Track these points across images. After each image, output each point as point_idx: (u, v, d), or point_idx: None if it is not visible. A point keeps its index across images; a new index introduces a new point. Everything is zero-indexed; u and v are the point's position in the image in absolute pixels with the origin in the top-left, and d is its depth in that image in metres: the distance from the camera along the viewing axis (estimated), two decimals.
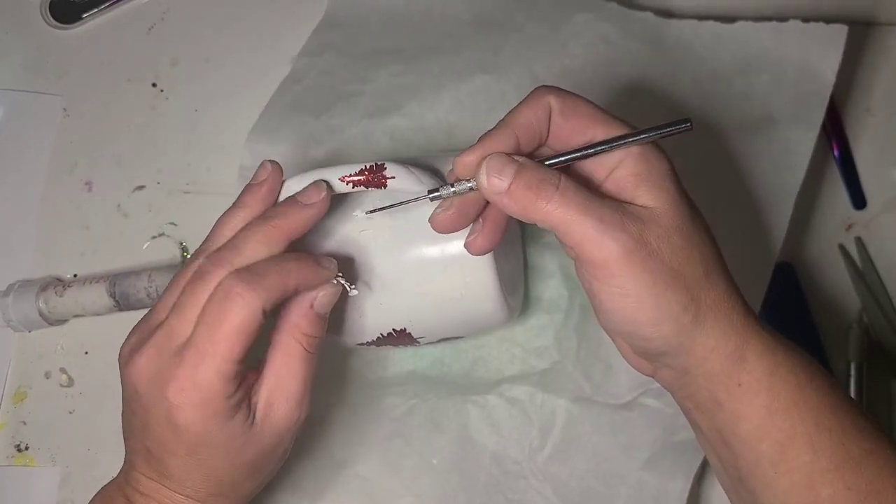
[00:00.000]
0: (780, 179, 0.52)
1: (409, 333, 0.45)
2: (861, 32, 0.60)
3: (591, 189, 0.37)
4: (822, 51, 0.53)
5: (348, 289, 0.41)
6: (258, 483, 0.42)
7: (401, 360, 0.54)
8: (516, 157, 0.36)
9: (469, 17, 0.60)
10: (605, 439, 0.50)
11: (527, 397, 0.51)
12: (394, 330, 0.45)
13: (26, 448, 0.56)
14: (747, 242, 0.52)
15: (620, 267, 0.35)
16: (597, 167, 0.38)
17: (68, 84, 0.62)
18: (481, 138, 0.38)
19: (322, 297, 0.39)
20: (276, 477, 0.51)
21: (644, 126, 0.37)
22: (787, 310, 0.56)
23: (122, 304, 0.54)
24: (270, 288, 0.37)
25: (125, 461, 0.42)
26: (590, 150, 0.37)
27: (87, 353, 0.57)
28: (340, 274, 0.40)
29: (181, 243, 0.59)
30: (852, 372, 0.55)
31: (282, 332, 0.39)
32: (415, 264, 0.43)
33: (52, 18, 0.63)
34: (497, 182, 0.36)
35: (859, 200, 0.58)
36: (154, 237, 0.59)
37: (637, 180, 0.36)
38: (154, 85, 0.62)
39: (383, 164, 0.40)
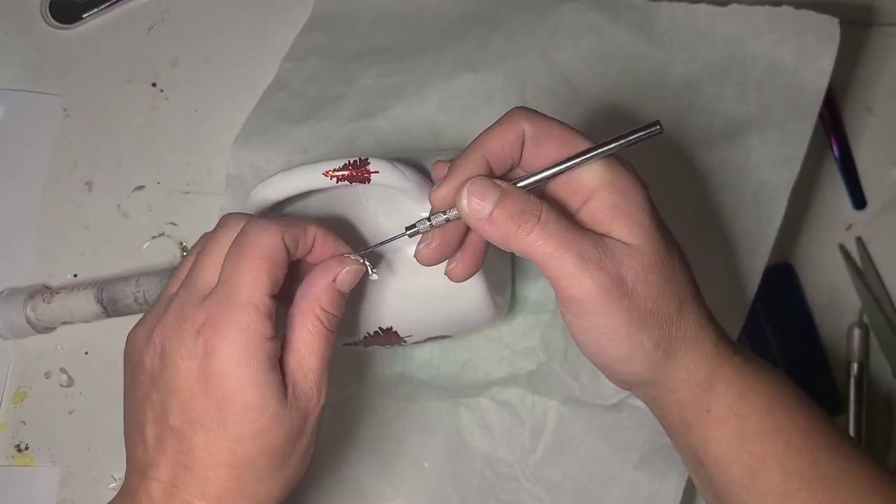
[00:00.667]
0: (777, 173, 0.52)
1: (396, 332, 0.45)
2: (861, 32, 0.60)
3: (569, 220, 0.36)
4: (818, 39, 0.52)
5: (370, 271, 0.39)
6: (279, 486, 0.37)
7: (390, 362, 0.54)
8: (498, 182, 0.36)
9: (456, 13, 0.59)
10: (597, 440, 0.50)
11: (517, 400, 0.51)
12: (380, 328, 0.45)
13: (26, 448, 0.56)
14: (740, 239, 0.51)
15: (596, 305, 0.35)
16: (571, 196, 0.37)
17: (68, 84, 0.62)
18: (452, 167, 0.37)
19: (346, 273, 0.38)
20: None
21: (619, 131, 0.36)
22: (787, 310, 0.56)
23: (109, 309, 0.54)
24: (290, 225, 0.37)
25: (127, 478, 0.38)
26: (559, 167, 0.36)
27: (87, 353, 0.57)
28: (363, 259, 0.39)
29: (181, 243, 0.59)
30: (852, 372, 0.55)
31: (301, 307, 0.37)
32: (401, 262, 0.43)
33: (52, 18, 0.63)
34: (479, 208, 0.35)
35: (859, 200, 0.58)
36: (154, 237, 0.59)
37: (613, 214, 0.35)
38: (154, 85, 0.62)
39: (367, 158, 0.40)
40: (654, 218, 0.36)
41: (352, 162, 0.40)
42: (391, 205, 0.43)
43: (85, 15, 0.63)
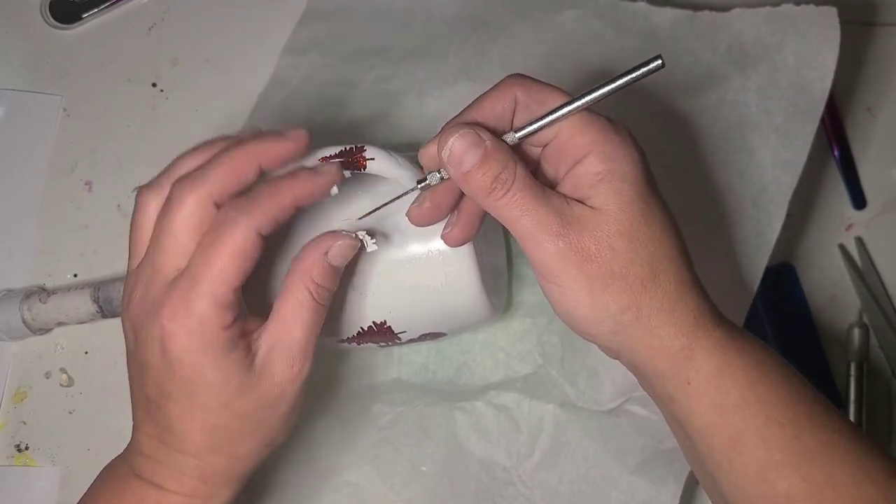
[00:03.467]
0: (778, 176, 0.51)
1: (390, 327, 0.45)
2: (861, 32, 0.60)
3: (547, 183, 0.37)
4: (820, 36, 0.52)
5: (367, 244, 0.40)
6: (258, 444, 0.39)
7: (386, 367, 0.54)
8: (483, 137, 0.36)
9: (454, 14, 0.58)
10: (595, 444, 0.49)
11: (514, 404, 0.51)
12: (374, 323, 0.44)
13: (26, 448, 0.56)
14: (740, 242, 0.51)
15: (557, 268, 0.36)
16: (563, 159, 0.37)
17: (68, 84, 0.62)
18: (444, 128, 0.38)
19: (337, 248, 0.38)
20: (266, 485, 0.51)
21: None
22: (787, 310, 0.56)
23: (105, 309, 0.54)
24: (265, 209, 0.37)
25: (132, 430, 0.41)
26: (551, 117, 0.36)
27: (86, 353, 0.57)
28: (363, 231, 0.40)
29: None
30: (852, 372, 0.55)
31: (292, 278, 0.38)
32: (395, 254, 0.43)
33: (52, 18, 0.63)
34: (458, 163, 0.36)
35: (859, 200, 0.58)
36: None
37: (594, 180, 0.36)
38: (154, 85, 0.62)
39: (363, 146, 0.41)
40: (637, 186, 0.36)
41: (348, 148, 0.41)
42: (384, 197, 0.43)
43: (85, 15, 0.63)
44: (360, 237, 0.40)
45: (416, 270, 0.43)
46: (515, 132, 0.37)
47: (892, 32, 0.60)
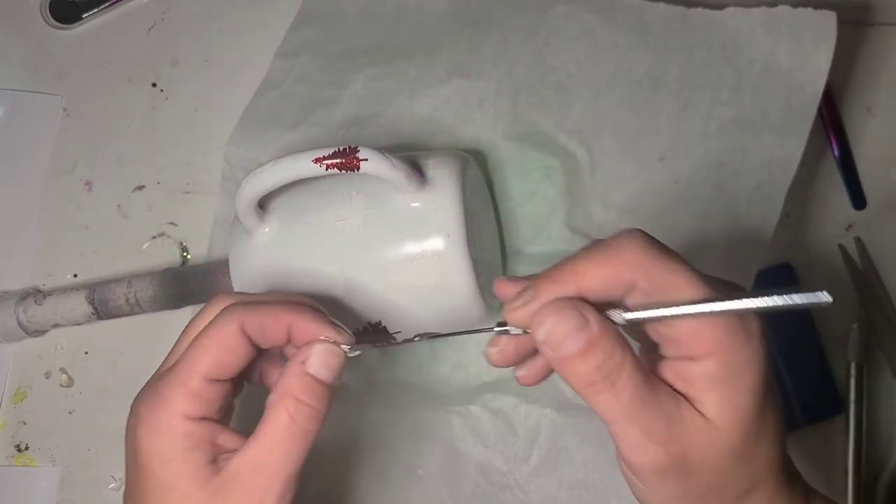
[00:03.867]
0: (773, 175, 0.51)
1: (385, 328, 0.45)
2: (860, 32, 0.60)
3: (647, 343, 0.33)
4: (815, 38, 0.51)
5: (346, 351, 0.37)
6: None
7: (380, 367, 0.54)
8: (589, 317, 0.31)
9: (446, 9, 0.58)
10: (594, 449, 0.49)
11: (510, 408, 0.51)
12: (369, 324, 0.44)
13: (26, 448, 0.56)
14: (735, 242, 0.51)
15: (650, 477, 0.32)
16: (674, 345, 0.32)
17: (68, 84, 0.62)
18: (537, 286, 0.32)
19: (315, 357, 0.35)
20: None
21: None
22: (787, 310, 0.56)
23: (100, 311, 0.54)
24: (258, 309, 0.35)
25: None
26: (673, 311, 0.31)
27: (86, 353, 0.57)
28: (343, 343, 0.37)
29: (181, 243, 0.59)
30: (852, 372, 0.55)
31: (273, 397, 0.35)
32: (389, 254, 0.43)
33: (52, 18, 0.63)
34: (555, 348, 0.31)
35: (859, 200, 0.58)
36: (154, 237, 0.59)
37: (709, 385, 0.31)
38: (154, 85, 0.62)
39: (357, 147, 0.40)
40: (756, 398, 0.31)
41: (341, 149, 0.40)
42: (378, 197, 0.43)
43: (85, 15, 0.63)
44: (340, 346, 0.36)
45: (411, 270, 0.43)
46: (624, 311, 0.32)
47: (890, 32, 0.60)
